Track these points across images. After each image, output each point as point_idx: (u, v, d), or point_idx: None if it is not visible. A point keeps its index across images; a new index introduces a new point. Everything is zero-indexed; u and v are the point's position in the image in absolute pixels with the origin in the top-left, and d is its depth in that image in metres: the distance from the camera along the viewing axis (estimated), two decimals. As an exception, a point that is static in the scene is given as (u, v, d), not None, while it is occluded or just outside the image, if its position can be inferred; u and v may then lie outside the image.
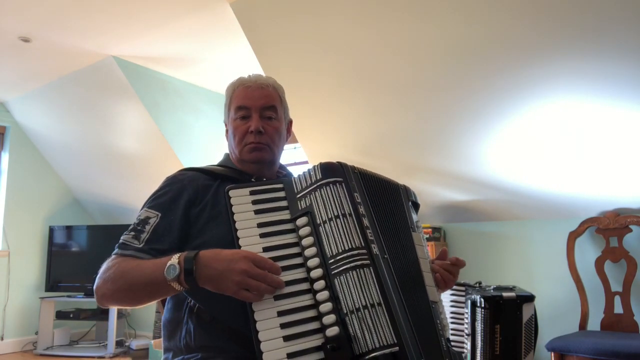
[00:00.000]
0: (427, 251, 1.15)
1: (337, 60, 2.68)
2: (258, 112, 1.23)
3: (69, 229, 4.54)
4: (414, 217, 1.18)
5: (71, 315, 4.19)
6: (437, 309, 1.06)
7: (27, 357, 4.08)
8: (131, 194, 4.37)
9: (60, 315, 4.22)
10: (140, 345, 4.16)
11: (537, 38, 2.14)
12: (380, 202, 1.11)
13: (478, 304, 2.10)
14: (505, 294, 2.11)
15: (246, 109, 1.24)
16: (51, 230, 4.48)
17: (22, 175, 4.50)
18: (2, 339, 4.19)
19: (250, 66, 3.36)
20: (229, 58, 3.45)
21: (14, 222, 4.39)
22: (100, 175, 4.42)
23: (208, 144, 3.98)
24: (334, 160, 1.11)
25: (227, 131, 1.30)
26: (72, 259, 4.45)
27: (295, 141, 3.41)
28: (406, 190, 1.22)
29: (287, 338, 0.89)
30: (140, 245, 1.08)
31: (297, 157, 4.06)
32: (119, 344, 4.14)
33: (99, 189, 4.59)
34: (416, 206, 1.24)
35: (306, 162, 3.65)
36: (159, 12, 2.83)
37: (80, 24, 2.96)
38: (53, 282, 4.35)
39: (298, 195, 1.06)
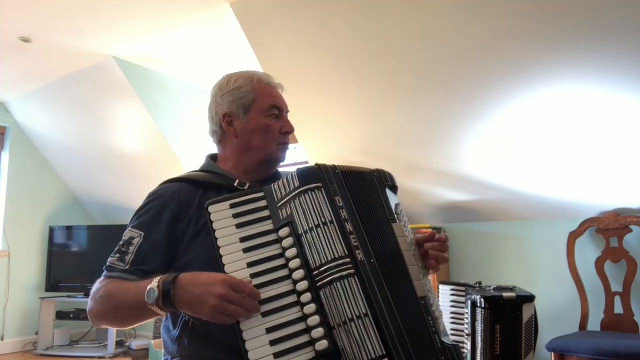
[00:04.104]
0: (411, 239, 1.09)
1: (337, 61, 2.68)
2: (285, 114, 1.25)
3: (69, 229, 4.54)
4: (393, 201, 1.11)
5: (71, 315, 4.19)
6: (427, 303, 1.01)
7: (27, 357, 4.08)
8: (131, 194, 4.37)
9: (60, 315, 4.22)
10: (140, 345, 4.16)
11: (537, 34, 2.14)
12: (365, 201, 1.05)
13: (478, 304, 2.09)
14: (505, 294, 2.10)
15: (279, 109, 1.23)
16: (51, 230, 4.48)
17: (22, 175, 4.50)
18: (2, 339, 4.19)
19: (250, 66, 3.36)
20: (228, 58, 3.45)
21: (14, 222, 4.39)
22: (100, 175, 4.42)
23: (208, 144, 3.97)
24: (332, 162, 1.08)
25: (230, 122, 1.23)
26: (72, 259, 4.45)
27: (295, 141, 3.41)
28: (380, 175, 1.13)
29: (277, 355, 0.88)
30: (126, 267, 1.07)
31: (297, 157, 4.06)
32: (119, 344, 4.14)
33: (99, 189, 4.59)
34: (394, 189, 1.17)
35: (306, 163, 3.64)
36: (159, 12, 2.83)
37: (80, 24, 2.96)
38: (53, 282, 4.35)
39: (279, 204, 1.02)
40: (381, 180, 1.12)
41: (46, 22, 2.94)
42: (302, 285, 0.94)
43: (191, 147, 3.88)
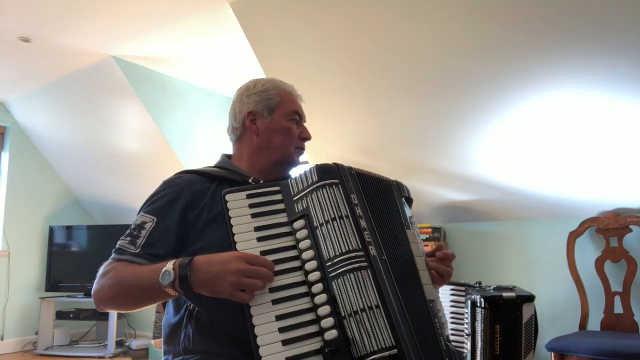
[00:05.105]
0: (422, 248, 1.14)
1: (337, 60, 2.68)
2: (303, 123, 1.32)
3: (69, 229, 4.54)
4: (408, 212, 1.18)
5: (71, 315, 4.19)
6: (435, 307, 1.05)
7: (27, 357, 4.08)
8: (131, 194, 4.37)
9: (60, 315, 4.22)
10: (140, 345, 4.16)
11: (536, 36, 2.14)
12: (377, 202, 1.10)
13: (478, 304, 2.10)
14: (505, 294, 2.11)
15: (300, 116, 1.30)
16: (51, 230, 4.48)
17: (22, 175, 4.50)
18: (2, 339, 4.19)
19: (250, 66, 3.36)
20: (229, 58, 3.45)
21: (14, 222, 4.39)
22: (100, 175, 4.42)
23: (208, 144, 3.98)
24: (332, 161, 1.10)
25: (253, 120, 1.27)
26: (72, 259, 4.45)
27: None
28: (399, 186, 1.21)
29: (285, 342, 0.89)
30: (137, 251, 1.08)
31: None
32: (119, 344, 4.14)
33: (99, 189, 4.60)
34: (409, 201, 1.23)
35: (306, 163, 3.65)
36: (159, 12, 2.83)
37: (80, 24, 2.96)
38: (53, 282, 4.35)
39: (295, 198, 1.05)
40: (399, 190, 1.19)
41: (46, 22, 2.94)
42: (315, 275, 0.95)
43: (191, 147, 3.88)
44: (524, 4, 2.06)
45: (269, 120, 1.26)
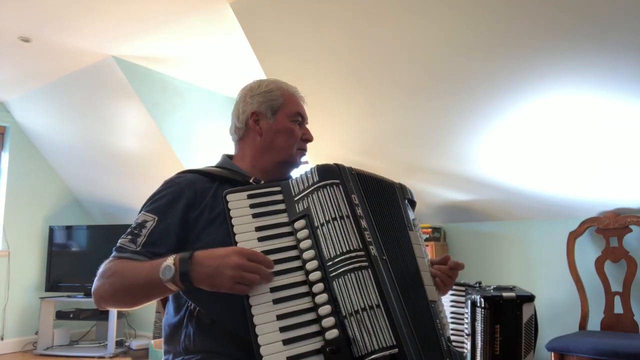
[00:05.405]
0: (425, 250, 1.15)
1: (337, 61, 2.68)
2: (306, 124, 1.33)
3: (69, 229, 4.54)
4: (411, 215, 1.19)
5: (71, 315, 4.19)
6: (437, 308, 1.06)
7: (27, 357, 4.08)
8: (131, 194, 4.37)
9: (60, 315, 4.22)
10: (140, 345, 4.16)
11: (537, 36, 2.14)
12: (378, 203, 1.11)
13: (478, 304, 2.10)
14: (505, 294, 2.11)
15: (303, 118, 1.31)
16: (51, 230, 4.48)
17: (22, 175, 4.50)
18: (2, 339, 4.19)
19: (250, 66, 3.36)
20: (229, 58, 3.45)
21: (14, 222, 4.39)
22: (100, 175, 4.42)
23: (208, 144, 3.98)
24: (333, 162, 1.11)
25: (256, 121, 1.27)
26: (72, 259, 4.45)
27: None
28: (402, 188, 1.22)
29: (286, 342, 0.90)
30: (137, 249, 1.09)
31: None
32: (119, 344, 4.14)
33: (99, 189, 4.60)
34: (412, 204, 1.24)
35: (306, 163, 3.65)
36: (159, 12, 2.83)
37: (80, 24, 2.96)
38: (53, 282, 4.35)
39: (295, 198, 1.06)
40: (402, 192, 1.20)
41: (46, 22, 2.94)
42: (315, 275, 0.96)
43: (191, 147, 3.88)
44: (525, 3, 2.06)
45: (272, 121, 1.27)
